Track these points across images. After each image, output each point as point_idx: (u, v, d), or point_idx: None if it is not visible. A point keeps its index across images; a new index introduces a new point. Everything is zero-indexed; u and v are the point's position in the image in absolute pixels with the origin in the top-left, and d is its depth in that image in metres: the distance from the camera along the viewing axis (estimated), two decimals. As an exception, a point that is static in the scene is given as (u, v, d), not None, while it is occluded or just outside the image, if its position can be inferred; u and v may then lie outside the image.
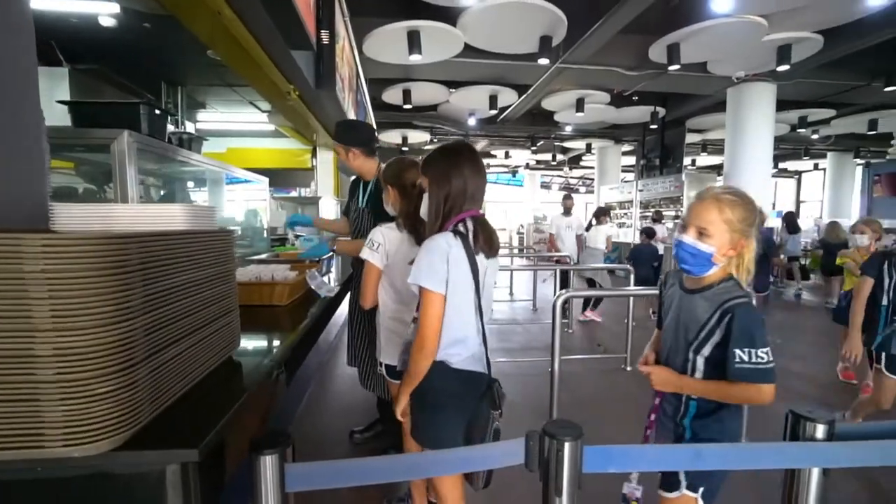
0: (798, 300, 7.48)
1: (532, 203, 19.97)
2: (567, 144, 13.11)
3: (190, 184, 3.77)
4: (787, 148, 13.19)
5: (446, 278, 1.24)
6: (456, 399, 1.34)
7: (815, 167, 16.60)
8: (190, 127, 4.85)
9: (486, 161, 16.05)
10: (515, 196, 21.36)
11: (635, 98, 8.44)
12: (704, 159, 14.61)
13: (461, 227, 1.30)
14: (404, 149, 11.38)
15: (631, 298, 4.20)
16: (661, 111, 9.22)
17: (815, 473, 0.85)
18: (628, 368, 3.89)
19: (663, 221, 8.48)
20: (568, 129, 10.83)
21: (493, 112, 8.39)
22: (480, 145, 13.16)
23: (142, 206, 1.59)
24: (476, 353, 1.37)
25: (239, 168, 3.66)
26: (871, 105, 8.63)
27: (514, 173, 19.28)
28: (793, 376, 3.83)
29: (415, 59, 5.28)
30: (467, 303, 1.31)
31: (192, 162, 2.68)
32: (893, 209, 14.82)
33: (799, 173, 19.54)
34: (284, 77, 3.37)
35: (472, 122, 9.36)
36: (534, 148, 12.25)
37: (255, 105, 5.49)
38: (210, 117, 6.16)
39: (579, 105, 8.12)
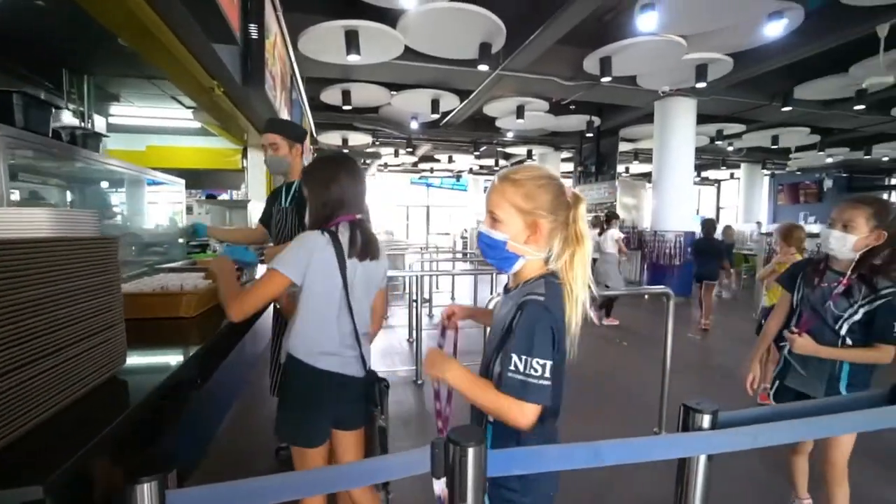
0: (719, 300, 8.09)
1: (476, 207, 20.26)
2: (509, 150, 13.42)
3: (104, 185, 3.41)
4: (708, 158, 14.34)
5: (304, 272, 1.29)
6: (315, 398, 1.37)
7: (731, 176, 18.15)
8: (100, 122, 4.40)
9: (429, 165, 16.09)
10: (459, 200, 21.56)
11: (572, 107, 8.78)
12: (637, 167, 15.51)
13: (335, 230, 1.36)
14: (345, 151, 11.15)
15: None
16: (597, 121, 9.68)
17: (702, 460, 0.91)
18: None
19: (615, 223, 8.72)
20: (509, 135, 11.09)
21: (436, 116, 8.41)
22: (423, 149, 13.17)
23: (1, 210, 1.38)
24: (344, 354, 1.38)
25: (153, 168, 3.35)
26: (774, 122, 9.55)
27: (457, 178, 19.48)
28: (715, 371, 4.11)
29: (353, 59, 5.16)
30: (330, 302, 1.35)
31: (90, 161, 2.41)
32: (793, 215, 16.57)
33: (718, 181, 21.29)
34: (206, 72, 3.14)
35: (414, 125, 9.35)
36: (477, 153, 12.43)
37: (177, 100, 5.11)
38: (125, 111, 5.66)
39: (520, 112, 8.32)
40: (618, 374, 4.07)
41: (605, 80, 5.94)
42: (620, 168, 15.78)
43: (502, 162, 15.38)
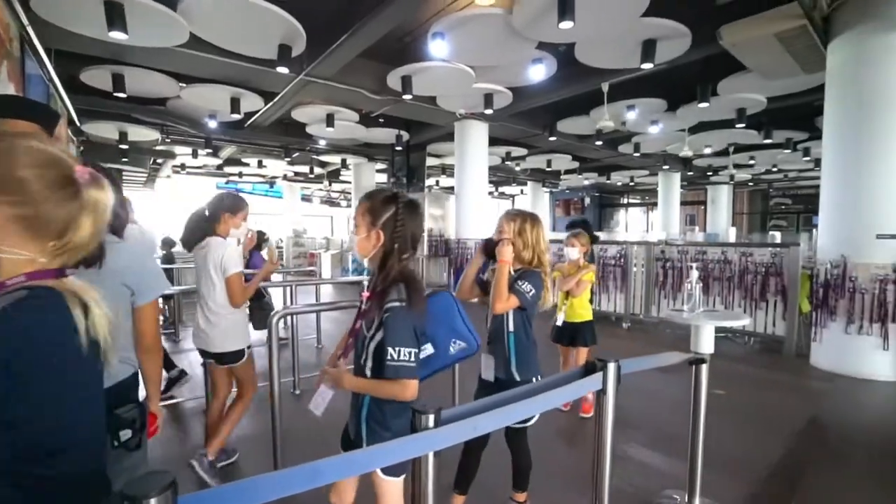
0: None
1: (293, 216, 19.25)
2: (324, 158, 13.18)
3: None
4: (503, 175, 16.60)
5: None
6: None
7: (521, 192, 21.38)
8: None
9: (238, 169, 14.64)
10: (274, 208, 20.19)
11: (381, 120, 9.13)
12: (445, 181, 16.99)
13: None
14: (124, 146, 9.31)
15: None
16: (406, 135, 10.26)
17: (430, 458, 1.00)
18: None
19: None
20: (322, 142, 10.90)
21: (238, 116, 7.72)
22: (228, 151, 11.95)
23: None
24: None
25: None
26: (547, 149, 11.66)
27: (271, 184, 18.21)
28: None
29: (118, 37, 4.36)
30: None
31: None
32: (566, 225, 20.39)
33: (513, 196, 24.77)
34: None
35: (213, 124, 8.39)
36: (289, 159, 11.85)
37: None
38: None
39: (329, 120, 8.26)
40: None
41: (407, 97, 6.35)
42: (431, 181, 17.08)
43: (318, 170, 15.00)
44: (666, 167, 14.05)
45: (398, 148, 10.68)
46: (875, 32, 4.14)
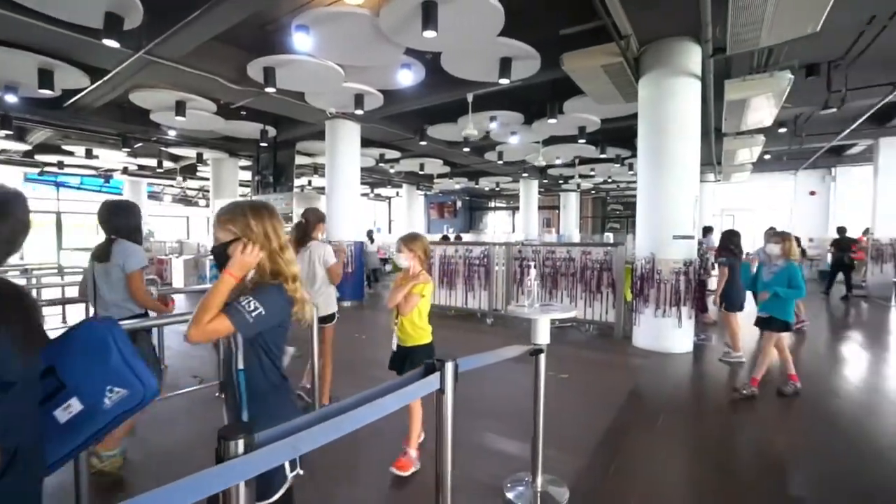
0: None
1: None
2: (176, 151, 11.69)
3: None
4: (378, 177, 16.58)
5: None
6: None
7: (397, 194, 21.60)
8: None
9: (57, 158, 12.16)
10: (111, 206, 17.24)
11: (243, 112, 8.45)
12: (318, 181, 16.35)
13: None
14: None
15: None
16: (272, 131, 9.63)
17: (242, 488, 0.87)
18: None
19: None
20: (172, 133, 9.66)
21: (52, 93, 6.41)
22: (40, 136, 9.88)
23: None
24: None
25: None
26: (419, 153, 11.99)
27: (106, 178, 15.53)
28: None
29: None
30: None
31: None
32: (440, 227, 21.19)
33: (389, 198, 24.87)
34: None
35: (11, 98, 6.79)
36: (128, 150, 10.24)
37: None
38: None
39: (179, 108, 7.37)
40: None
41: (271, 90, 5.98)
42: (303, 181, 16.30)
43: (168, 164, 13.24)
44: (525, 175, 15.52)
45: (264, 144, 9.98)
46: (667, 76, 5.17)
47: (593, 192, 20.93)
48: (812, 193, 14.75)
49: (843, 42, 6.10)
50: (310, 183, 16.73)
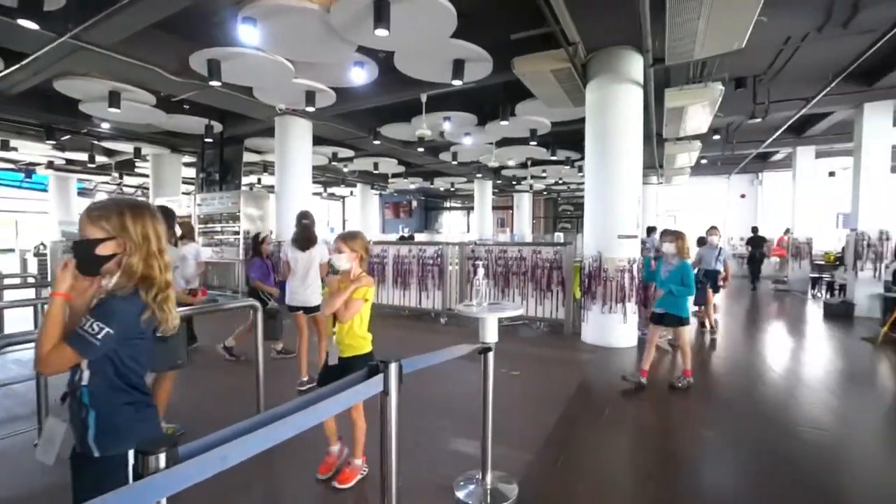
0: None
1: (66, 215, 15.40)
2: (110, 145, 10.91)
3: None
4: (331, 176, 16.23)
5: None
6: None
7: (351, 193, 21.24)
8: None
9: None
10: (33, 204, 15.86)
11: (186, 106, 8.01)
12: (268, 179, 15.79)
13: None
14: None
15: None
16: (218, 126, 9.20)
17: None
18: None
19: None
20: (105, 126, 9.01)
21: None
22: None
23: None
24: None
25: None
26: (373, 152, 11.86)
27: (28, 173, 14.24)
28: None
29: None
30: None
31: None
32: (396, 227, 21.07)
33: (343, 198, 24.41)
34: None
35: None
36: (54, 142, 9.44)
37: None
38: None
39: (114, 100, 6.88)
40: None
41: (215, 83, 5.71)
42: (252, 178, 15.70)
43: (102, 159, 12.33)
44: (479, 175, 15.72)
45: (209, 140, 9.51)
46: (612, 82, 5.42)
47: (545, 192, 21.53)
48: (742, 196, 15.93)
49: (765, 59, 6.65)
50: (259, 181, 16.13)
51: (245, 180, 15.48)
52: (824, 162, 12.15)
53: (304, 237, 4.11)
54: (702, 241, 6.69)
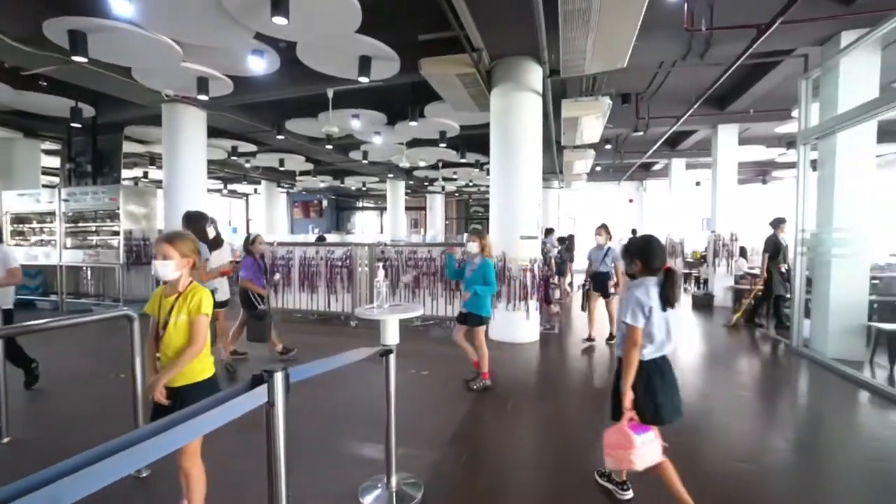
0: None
1: None
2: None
3: None
4: (232, 172, 15.02)
5: None
6: None
7: (255, 191, 19.89)
8: None
9: None
10: None
11: (44, 83, 6.89)
12: (157, 173, 14.19)
13: None
14: None
15: None
16: (90, 110, 8.04)
17: None
18: None
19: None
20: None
21: None
22: None
23: None
24: None
25: None
26: (278, 148, 11.21)
27: None
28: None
29: None
30: None
31: None
32: (305, 227, 20.15)
33: (246, 195, 22.77)
34: None
35: None
36: None
37: None
38: None
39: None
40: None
41: (80, 59, 4.96)
42: (137, 172, 14.01)
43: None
44: (391, 175, 15.62)
45: (77, 125, 8.25)
46: (514, 90, 5.69)
47: (457, 194, 22.04)
48: (630, 201, 17.75)
49: (645, 79, 7.45)
50: (145, 175, 14.42)
51: (129, 174, 13.82)
52: (693, 173, 13.95)
53: (215, 239, 4.47)
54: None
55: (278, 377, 1.35)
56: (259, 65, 5.69)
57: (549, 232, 9.55)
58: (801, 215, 5.43)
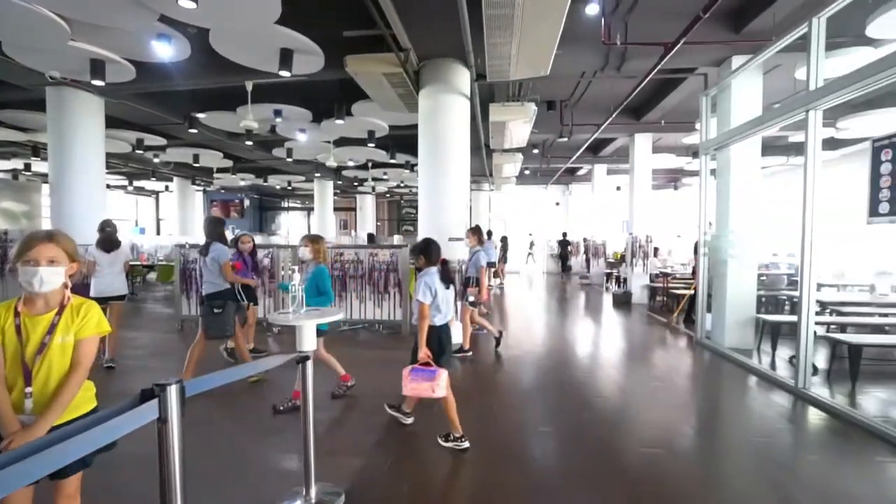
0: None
1: None
2: None
3: None
4: (138, 167, 13.63)
5: None
6: None
7: (167, 188, 18.25)
8: None
9: None
10: None
11: None
12: (43, 165, 12.52)
13: None
14: None
15: None
16: (-48, 90, 6.89)
17: None
18: None
19: None
20: None
21: None
22: None
23: None
24: None
25: None
26: (192, 142, 10.36)
27: None
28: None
29: None
30: None
31: None
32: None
33: (157, 193, 20.85)
34: None
35: None
36: None
37: None
38: None
39: None
40: None
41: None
42: (17, 163, 12.28)
43: None
44: (318, 175, 15.06)
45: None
46: (442, 92, 5.70)
47: (388, 195, 21.79)
48: (557, 204, 18.62)
49: (568, 87, 7.82)
50: (27, 167, 12.66)
51: (5, 165, 12.05)
52: (614, 178, 14.93)
53: (109, 241, 4.90)
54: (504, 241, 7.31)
55: (172, 391, 1.21)
56: (165, 51, 5.19)
57: (490, 234, 9.89)
58: (703, 219, 5.97)
